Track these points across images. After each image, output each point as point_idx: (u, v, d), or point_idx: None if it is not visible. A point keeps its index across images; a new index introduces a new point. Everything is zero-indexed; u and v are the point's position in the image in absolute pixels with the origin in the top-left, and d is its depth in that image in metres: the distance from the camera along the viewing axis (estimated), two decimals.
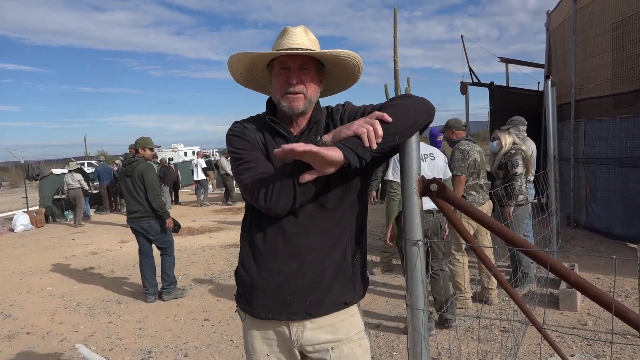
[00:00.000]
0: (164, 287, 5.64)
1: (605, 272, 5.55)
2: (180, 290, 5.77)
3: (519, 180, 4.75)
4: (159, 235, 5.53)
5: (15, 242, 10.57)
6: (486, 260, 1.65)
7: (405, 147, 1.41)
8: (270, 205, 1.43)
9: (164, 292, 5.63)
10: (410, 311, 1.44)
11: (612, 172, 6.99)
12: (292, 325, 1.57)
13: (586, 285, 1.23)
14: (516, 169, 4.76)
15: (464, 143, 4.67)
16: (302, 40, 1.53)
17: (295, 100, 1.53)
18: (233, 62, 1.60)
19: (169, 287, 5.63)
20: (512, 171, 4.77)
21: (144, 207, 5.40)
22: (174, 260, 5.70)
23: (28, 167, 17.09)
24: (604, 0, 7.09)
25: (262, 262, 1.54)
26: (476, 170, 4.60)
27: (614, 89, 6.96)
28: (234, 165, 1.56)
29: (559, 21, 9.01)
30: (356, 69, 1.63)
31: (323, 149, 1.26)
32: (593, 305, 4.44)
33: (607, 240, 6.99)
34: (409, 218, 1.42)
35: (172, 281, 5.65)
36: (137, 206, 5.42)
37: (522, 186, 4.76)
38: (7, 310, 5.60)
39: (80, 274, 7.17)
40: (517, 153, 4.81)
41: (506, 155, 4.93)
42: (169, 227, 5.54)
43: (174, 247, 5.79)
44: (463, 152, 4.58)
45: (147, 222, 5.44)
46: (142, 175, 5.38)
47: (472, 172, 4.60)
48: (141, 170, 5.41)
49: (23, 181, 17.63)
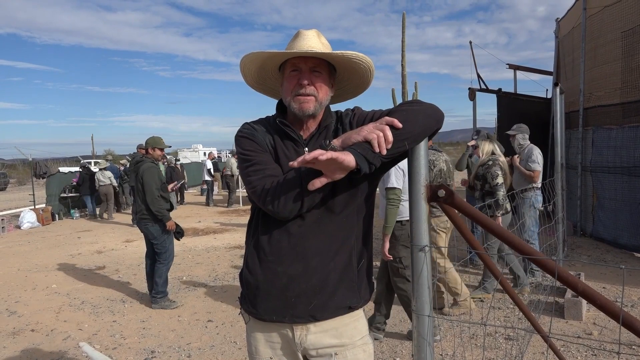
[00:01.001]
0: (152, 294, 5.46)
1: (611, 281, 5.51)
2: (169, 302, 5.42)
3: (501, 190, 4.86)
4: (157, 239, 5.36)
5: (21, 239, 10.63)
6: (493, 267, 1.65)
7: (414, 152, 1.40)
8: (278, 209, 1.43)
9: (152, 299, 5.44)
10: (415, 317, 1.43)
11: (619, 181, 6.95)
12: (296, 328, 1.57)
13: (594, 294, 1.22)
14: (496, 179, 4.88)
15: (430, 153, 4.70)
16: (315, 43, 1.53)
17: (305, 102, 1.53)
18: (246, 62, 1.60)
19: (156, 295, 5.40)
20: (493, 182, 4.89)
21: (143, 208, 5.33)
22: (167, 269, 5.44)
23: (36, 164, 17.23)
24: (614, 9, 7.07)
25: (267, 264, 1.54)
26: (443, 180, 4.63)
27: (623, 98, 6.93)
28: (242, 167, 1.56)
29: (568, 29, 8.99)
30: (367, 74, 1.63)
31: (340, 154, 1.25)
32: (599, 315, 4.41)
33: (614, 249, 6.95)
34: (415, 224, 1.42)
35: (159, 290, 5.39)
36: (139, 207, 5.38)
37: (505, 196, 4.87)
38: (12, 307, 5.63)
39: (85, 273, 7.20)
40: (495, 164, 4.89)
41: (484, 167, 5.00)
42: (171, 229, 5.37)
43: (173, 255, 5.58)
44: (429, 162, 4.57)
45: (145, 224, 5.33)
46: (142, 177, 5.33)
47: (438, 182, 4.58)
48: (141, 172, 5.35)
49: (30, 179, 17.76)
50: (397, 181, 3.88)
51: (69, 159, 40.06)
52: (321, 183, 1.34)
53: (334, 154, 1.24)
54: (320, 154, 1.22)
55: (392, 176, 3.87)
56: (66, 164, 31.85)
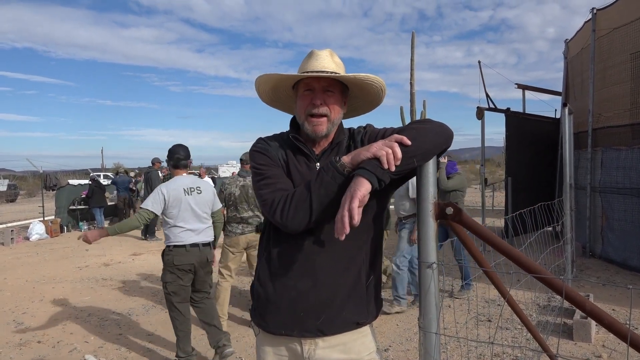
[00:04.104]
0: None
1: (621, 303, 5.45)
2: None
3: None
4: None
5: (30, 250, 10.70)
6: (500, 286, 1.65)
7: (422, 170, 1.42)
8: (287, 222, 1.45)
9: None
10: (422, 334, 1.44)
11: (629, 202, 6.90)
12: (305, 342, 1.58)
13: (602, 314, 1.22)
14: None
15: (230, 177, 5.17)
16: (328, 63, 1.57)
17: (318, 125, 1.57)
18: (260, 83, 1.65)
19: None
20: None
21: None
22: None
23: (46, 177, 17.37)
24: (623, 31, 7.10)
25: (278, 278, 1.56)
26: (233, 203, 4.86)
27: (633, 119, 6.92)
28: (255, 180, 1.60)
29: (577, 50, 9.02)
30: (379, 93, 1.67)
31: (358, 197, 1.29)
32: (608, 337, 4.36)
33: (623, 271, 6.88)
34: (423, 241, 1.43)
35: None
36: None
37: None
38: (19, 318, 5.66)
39: (92, 285, 7.22)
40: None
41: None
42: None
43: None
44: (222, 185, 5.03)
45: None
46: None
47: (229, 205, 4.91)
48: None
49: (40, 190, 17.92)
50: (154, 205, 3.89)
51: (78, 172, 40.39)
52: (360, 210, 1.33)
53: (357, 197, 1.28)
54: (353, 207, 1.28)
55: (150, 198, 3.92)
56: (76, 176, 32.17)
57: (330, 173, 1.41)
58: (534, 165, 9.80)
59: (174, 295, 3.95)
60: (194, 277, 4.04)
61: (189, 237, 3.93)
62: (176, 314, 3.99)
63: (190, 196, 3.97)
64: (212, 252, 4.16)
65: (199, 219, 4.00)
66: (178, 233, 3.91)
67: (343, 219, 1.29)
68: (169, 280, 3.94)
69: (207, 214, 4.09)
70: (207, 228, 4.08)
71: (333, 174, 1.40)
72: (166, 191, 3.90)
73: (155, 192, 3.95)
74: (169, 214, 3.91)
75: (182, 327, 4.01)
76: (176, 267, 3.89)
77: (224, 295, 4.91)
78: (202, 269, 4.03)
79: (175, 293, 3.95)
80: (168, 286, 3.94)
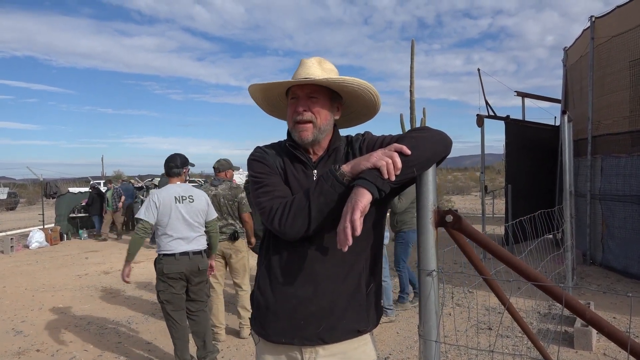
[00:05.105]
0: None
1: (621, 311, 5.43)
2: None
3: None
4: None
5: (29, 258, 10.68)
6: (501, 294, 1.65)
7: (422, 178, 1.42)
8: (285, 229, 1.45)
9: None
10: (422, 342, 1.44)
11: (629, 209, 6.90)
12: (305, 350, 1.57)
13: (601, 322, 1.22)
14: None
15: (203, 186, 5.16)
16: (314, 71, 1.58)
17: (304, 131, 1.58)
18: (252, 93, 1.69)
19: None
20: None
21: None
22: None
23: (46, 184, 17.36)
24: (622, 38, 7.13)
25: (278, 286, 1.56)
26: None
27: (632, 126, 6.94)
28: (253, 188, 1.60)
29: (576, 57, 9.06)
30: (370, 99, 1.66)
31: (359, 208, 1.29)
32: (609, 345, 4.34)
33: (624, 278, 6.86)
34: (424, 248, 1.43)
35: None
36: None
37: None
38: (18, 326, 5.63)
39: (91, 293, 7.20)
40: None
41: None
42: None
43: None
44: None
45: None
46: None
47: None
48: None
49: (40, 198, 17.90)
50: (147, 213, 3.89)
51: (78, 180, 40.36)
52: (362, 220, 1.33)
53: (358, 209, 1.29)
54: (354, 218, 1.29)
55: (143, 208, 3.93)
56: (76, 184, 32.14)
57: (330, 182, 1.41)
58: (534, 173, 9.80)
59: (167, 303, 3.94)
60: (187, 285, 4.02)
61: (179, 245, 3.92)
62: (171, 322, 3.98)
63: (182, 204, 3.97)
64: (206, 260, 4.14)
65: (190, 228, 3.99)
66: (168, 242, 3.91)
67: (345, 231, 1.29)
68: (161, 289, 3.93)
69: (200, 223, 4.08)
70: (198, 236, 4.06)
71: (332, 183, 1.41)
72: (157, 198, 3.91)
73: (147, 200, 3.96)
74: (159, 222, 3.91)
75: (178, 335, 4.00)
76: (166, 276, 3.88)
77: (217, 305, 4.89)
78: (194, 277, 4.01)
79: (169, 301, 3.94)
80: (161, 295, 3.94)
